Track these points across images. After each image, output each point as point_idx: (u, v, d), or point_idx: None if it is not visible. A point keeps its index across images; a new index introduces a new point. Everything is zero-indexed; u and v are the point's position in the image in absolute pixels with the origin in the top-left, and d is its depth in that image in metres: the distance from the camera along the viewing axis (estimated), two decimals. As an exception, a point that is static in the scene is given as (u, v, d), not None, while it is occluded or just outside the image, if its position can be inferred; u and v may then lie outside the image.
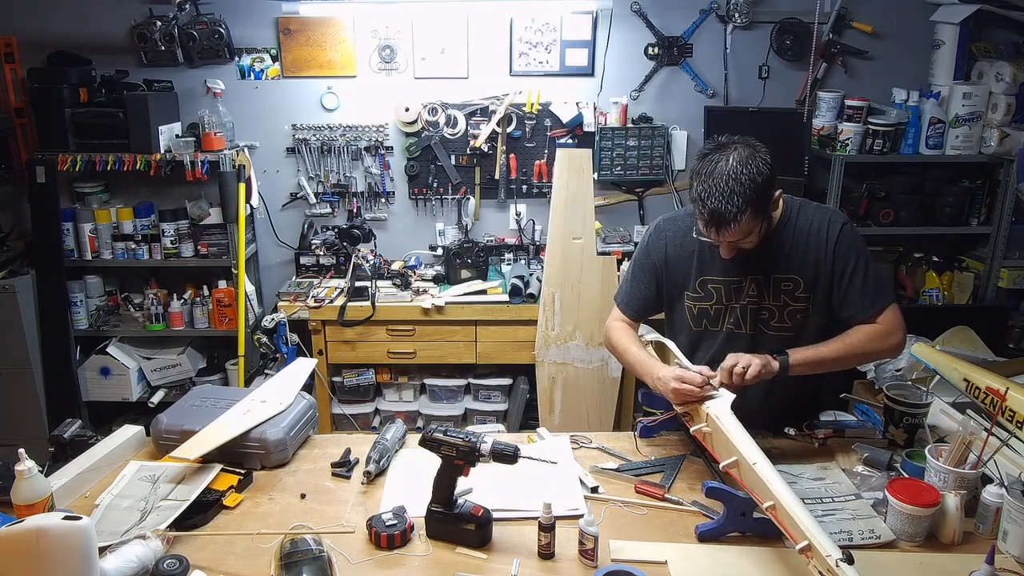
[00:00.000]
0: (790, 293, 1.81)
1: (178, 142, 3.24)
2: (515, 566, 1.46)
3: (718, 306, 1.87)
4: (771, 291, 1.82)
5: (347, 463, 1.83)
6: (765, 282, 1.81)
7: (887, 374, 3.00)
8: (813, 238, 1.80)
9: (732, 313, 1.86)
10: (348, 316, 3.27)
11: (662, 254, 1.91)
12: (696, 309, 1.89)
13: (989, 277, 3.42)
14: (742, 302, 1.84)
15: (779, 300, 1.82)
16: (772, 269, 1.80)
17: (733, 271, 1.82)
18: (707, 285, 1.86)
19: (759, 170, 1.63)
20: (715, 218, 1.63)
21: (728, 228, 1.64)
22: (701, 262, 1.86)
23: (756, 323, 1.85)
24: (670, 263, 1.91)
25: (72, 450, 1.85)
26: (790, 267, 1.80)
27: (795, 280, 1.80)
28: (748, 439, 1.54)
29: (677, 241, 1.90)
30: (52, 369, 3.40)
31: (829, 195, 3.32)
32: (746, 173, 1.61)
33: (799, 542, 1.31)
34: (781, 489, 1.40)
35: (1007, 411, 1.77)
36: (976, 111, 3.25)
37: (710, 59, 3.51)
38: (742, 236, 1.68)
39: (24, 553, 1.22)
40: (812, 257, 1.80)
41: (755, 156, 1.64)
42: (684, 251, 1.88)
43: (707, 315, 1.88)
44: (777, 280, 1.81)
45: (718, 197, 1.61)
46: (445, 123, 3.53)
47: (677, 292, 1.92)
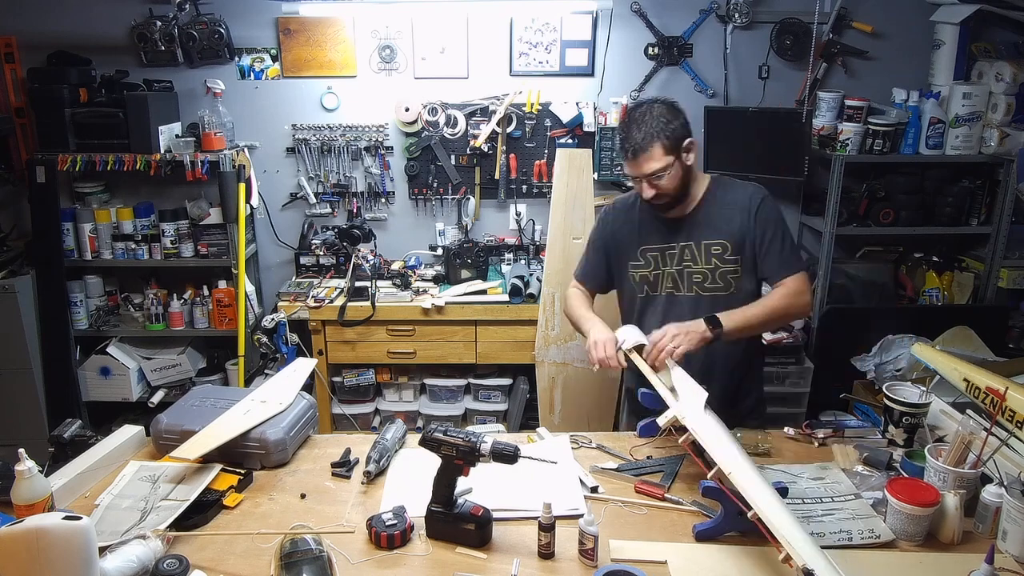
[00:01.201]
0: (719, 256, 2.01)
1: (178, 142, 3.24)
2: (515, 566, 1.46)
3: (656, 271, 2.08)
4: (703, 255, 2.02)
5: (347, 463, 1.83)
6: (696, 247, 2.02)
7: (887, 374, 3.00)
8: (738, 207, 2.02)
9: (670, 277, 2.06)
10: (348, 316, 3.27)
11: (609, 229, 2.16)
12: (638, 276, 2.10)
13: (989, 277, 3.42)
14: (677, 267, 2.05)
15: (711, 263, 2.02)
16: (702, 235, 2.02)
17: (667, 238, 2.05)
18: (646, 253, 2.08)
19: (671, 114, 1.93)
20: (634, 146, 1.90)
21: (644, 154, 1.89)
22: (641, 233, 2.09)
23: (692, 285, 2.04)
24: (616, 236, 2.14)
25: (72, 450, 1.85)
26: (718, 232, 2.01)
27: (723, 244, 2.00)
28: (725, 447, 1.54)
29: (622, 217, 2.15)
30: (52, 369, 3.40)
31: (829, 195, 3.32)
32: (663, 115, 1.91)
33: (780, 552, 1.31)
34: (757, 498, 1.40)
35: (1007, 411, 1.77)
36: (976, 111, 3.24)
37: (710, 59, 3.51)
38: (658, 168, 1.90)
39: (24, 553, 1.22)
40: (737, 224, 2.01)
41: (671, 108, 1.94)
42: (628, 225, 2.12)
43: (647, 281, 2.09)
44: (707, 245, 2.01)
45: (637, 128, 1.90)
46: (445, 123, 3.53)
47: (623, 263, 2.13)
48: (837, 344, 3.32)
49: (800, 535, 1.32)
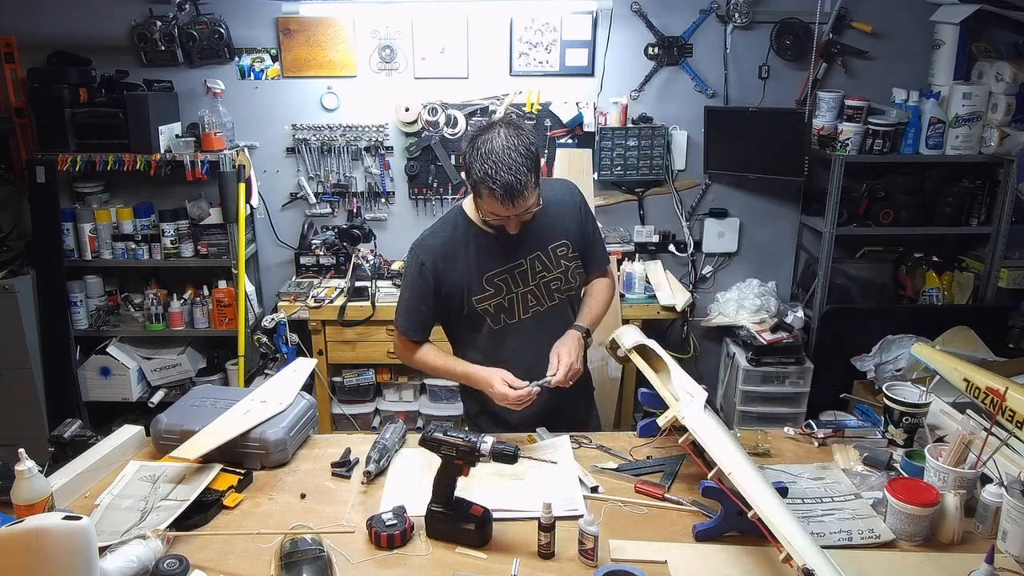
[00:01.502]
0: (566, 256, 1.97)
1: (178, 142, 3.24)
2: (515, 566, 1.46)
3: (509, 295, 1.94)
4: (553, 260, 1.96)
5: (347, 463, 1.83)
6: (545, 254, 1.95)
7: (887, 374, 3.00)
8: (564, 205, 1.99)
9: (528, 295, 1.96)
10: (348, 316, 3.27)
11: (435, 272, 1.93)
12: (492, 307, 1.94)
13: (989, 277, 3.42)
14: (533, 282, 1.95)
15: (561, 265, 1.96)
16: (546, 241, 1.94)
17: (512, 256, 1.92)
18: (493, 280, 1.92)
19: (530, 140, 1.78)
20: (509, 190, 1.71)
21: (522, 197, 1.73)
22: (478, 261, 1.92)
23: (552, 293, 1.97)
24: (446, 275, 1.93)
25: (72, 450, 1.85)
26: (559, 233, 1.96)
27: (566, 243, 1.97)
28: (725, 446, 1.54)
29: (444, 252, 1.94)
30: (52, 369, 3.40)
31: (829, 195, 3.32)
32: (522, 144, 1.75)
33: (781, 552, 1.31)
34: (757, 498, 1.40)
35: (1007, 411, 1.77)
36: (976, 111, 3.24)
37: (710, 59, 3.51)
38: (531, 205, 1.79)
39: (24, 553, 1.22)
40: (570, 221, 1.98)
41: (520, 131, 1.79)
42: (457, 260, 1.93)
43: (503, 308, 1.95)
44: (553, 248, 1.95)
45: (507, 171, 1.71)
46: (445, 123, 3.53)
47: (465, 300, 1.94)
48: (837, 344, 3.32)
49: (800, 535, 1.32)
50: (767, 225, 3.72)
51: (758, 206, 3.70)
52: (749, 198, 3.67)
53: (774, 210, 3.70)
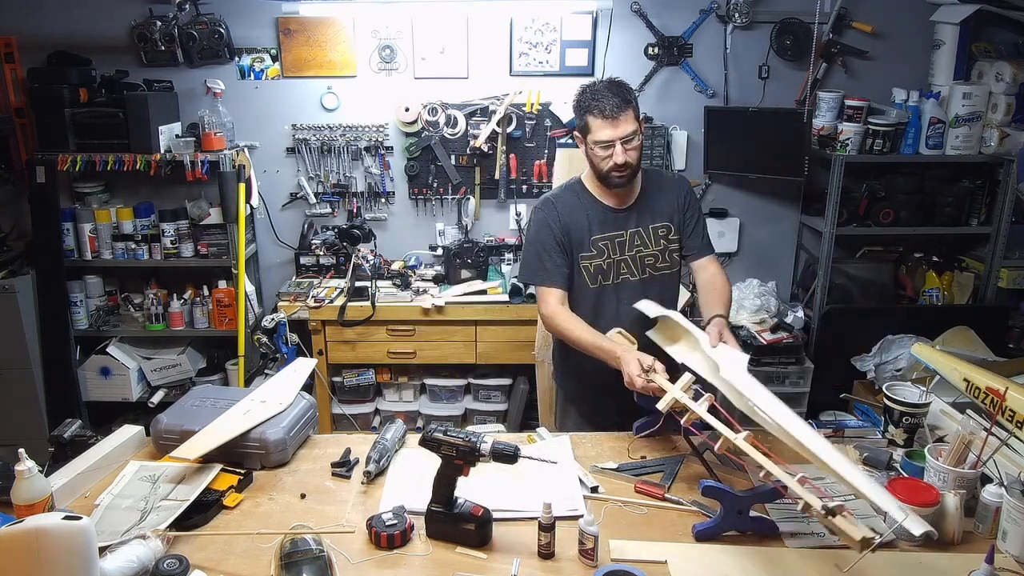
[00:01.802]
0: (665, 237, 2.16)
1: (178, 142, 3.24)
2: (515, 566, 1.46)
3: (609, 260, 2.13)
4: (652, 238, 2.15)
5: (347, 463, 1.83)
6: (645, 231, 2.14)
7: (887, 374, 3.00)
8: (667, 192, 2.18)
9: (623, 264, 2.14)
10: (348, 316, 3.27)
11: (559, 225, 2.12)
12: (592, 267, 2.13)
13: (989, 277, 3.42)
14: (630, 252, 2.14)
15: (659, 244, 2.15)
16: (649, 221, 2.14)
17: (616, 227, 2.13)
18: (599, 243, 2.13)
19: (627, 86, 2.04)
20: (610, 107, 1.96)
21: (623, 115, 1.96)
22: (591, 225, 2.12)
23: (645, 268, 2.16)
24: (569, 230, 2.12)
25: (72, 450, 1.85)
26: (660, 215, 2.16)
27: (667, 226, 2.16)
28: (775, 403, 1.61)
29: (567, 211, 2.14)
30: (52, 369, 3.40)
31: (829, 195, 3.32)
32: (624, 86, 2.03)
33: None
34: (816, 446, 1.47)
35: (1007, 411, 1.77)
36: (976, 111, 3.24)
37: (710, 59, 3.51)
38: (631, 131, 1.98)
39: (24, 553, 1.22)
40: (672, 206, 2.17)
41: (617, 81, 2.05)
42: (577, 218, 2.13)
43: (601, 270, 2.14)
44: (654, 228, 2.15)
45: (609, 92, 1.98)
46: (445, 123, 3.53)
47: (575, 256, 2.13)
48: (837, 344, 3.32)
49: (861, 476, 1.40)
50: (767, 225, 3.72)
51: (758, 206, 3.70)
52: (749, 198, 3.67)
53: (774, 210, 3.70)
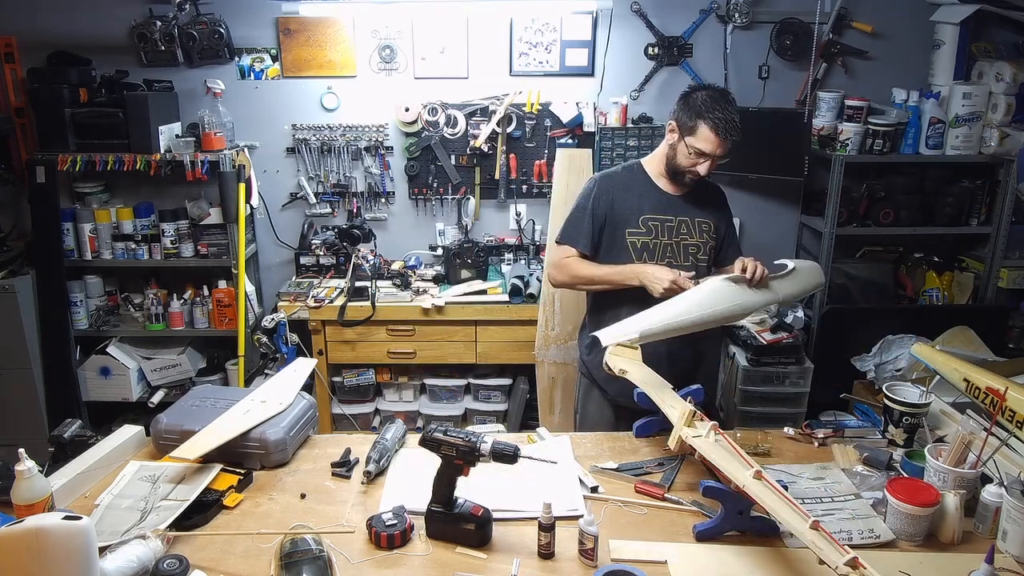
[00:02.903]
0: (708, 232, 2.27)
1: (178, 142, 3.24)
2: (515, 566, 1.46)
3: (656, 240, 2.23)
4: (696, 230, 2.26)
5: (347, 463, 1.83)
6: (691, 222, 2.25)
7: (887, 374, 3.00)
8: (710, 194, 2.33)
9: (669, 248, 2.24)
10: (348, 316, 3.27)
11: (608, 198, 2.25)
12: (639, 243, 2.23)
13: (989, 277, 3.42)
14: (675, 238, 2.24)
15: (703, 238, 2.26)
16: (696, 214, 2.26)
17: (667, 211, 2.24)
18: (648, 222, 2.23)
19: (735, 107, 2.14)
20: (727, 126, 2.08)
21: (733, 135, 2.09)
22: (641, 204, 2.24)
23: (688, 255, 2.25)
24: (615, 205, 2.24)
25: (72, 450, 1.85)
26: (707, 213, 2.28)
27: (710, 224, 2.27)
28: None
29: (622, 186, 2.27)
30: (52, 369, 3.40)
31: (829, 195, 3.32)
32: (732, 104, 2.13)
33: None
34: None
35: (1007, 411, 1.77)
36: (976, 111, 3.24)
37: (710, 59, 3.51)
38: (725, 153, 2.13)
39: (24, 553, 1.22)
40: (717, 210, 2.32)
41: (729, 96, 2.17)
42: (627, 196, 2.25)
43: (647, 248, 2.23)
44: (699, 222, 2.26)
45: (725, 112, 2.08)
46: (445, 123, 3.53)
47: (620, 231, 2.23)
48: (837, 344, 3.32)
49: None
50: (767, 225, 3.72)
51: (758, 206, 3.69)
52: (749, 198, 3.67)
53: (774, 210, 3.70)
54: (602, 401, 2.38)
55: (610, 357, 2.04)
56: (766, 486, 1.41)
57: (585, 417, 2.45)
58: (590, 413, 2.42)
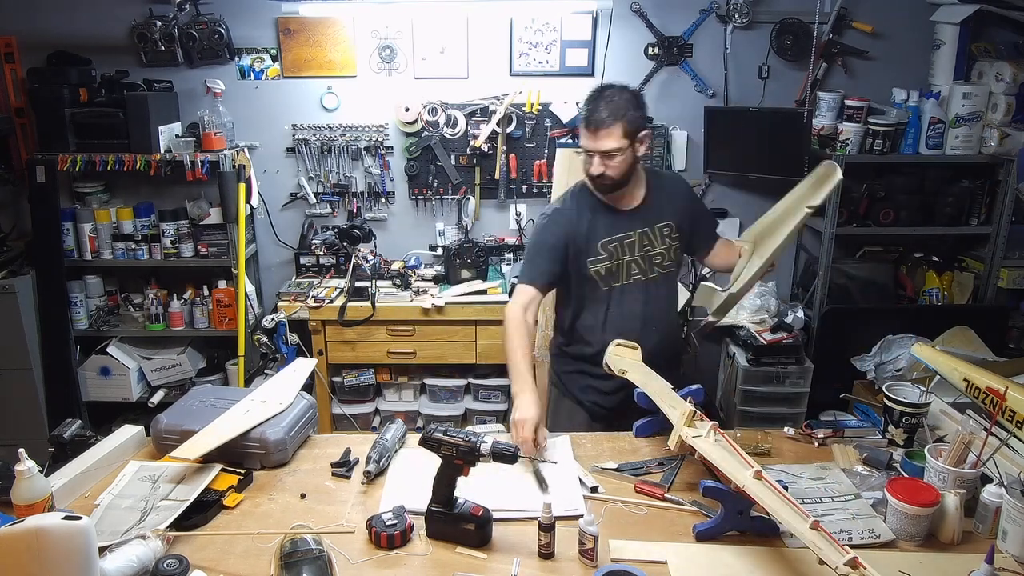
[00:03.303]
0: (670, 235, 2.22)
1: (178, 142, 3.24)
2: (515, 566, 1.46)
3: (618, 262, 2.18)
4: (658, 237, 2.21)
5: (347, 463, 1.83)
6: (652, 232, 2.20)
7: (887, 374, 3.00)
8: (675, 193, 2.28)
9: (634, 264, 2.20)
10: (348, 316, 3.27)
11: (565, 230, 2.17)
12: (603, 271, 2.18)
13: (989, 277, 3.42)
14: (640, 253, 2.19)
15: (665, 243, 2.22)
16: (654, 220, 2.21)
17: (623, 228, 2.18)
18: (608, 245, 2.17)
19: (636, 103, 2.08)
20: (596, 121, 2.02)
21: (604, 130, 2.01)
22: (597, 229, 2.17)
23: (653, 267, 2.22)
24: (574, 236, 2.17)
25: (72, 450, 1.85)
26: (666, 215, 2.21)
27: (670, 224, 2.22)
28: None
29: (573, 219, 2.19)
30: (52, 369, 3.40)
31: (829, 195, 3.31)
32: (625, 99, 2.05)
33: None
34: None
35: (1007, 411, 1.77)
36: (976, 111, 3.24)
37: (710, 59, 3.51)
38: (613, 148, 2.02)
39: (24, 553, 1.22)
40: (677, 207, 2.25)
41: (635, 95, 2.10)
42: (580, 226, 2.18)
43: (612, 273, 2.18)
44: (660, 227, 2.21)
45: (601, 107, 2.02)
46: (445, 123, 3.53)
47: (582, 261, 2.17)
48: (837, 344, 3.32)
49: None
50: (767, 225, 3.72)
51: (758, 206, 3.68)
52: (749, 198, 3.67)
53: (774, 210, 3.70)
54: (574, 409, 2.31)
55: (610, 357, 2.05)
56: (766, 486, 1.41)
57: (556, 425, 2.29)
58: (560, 422, 2.31)
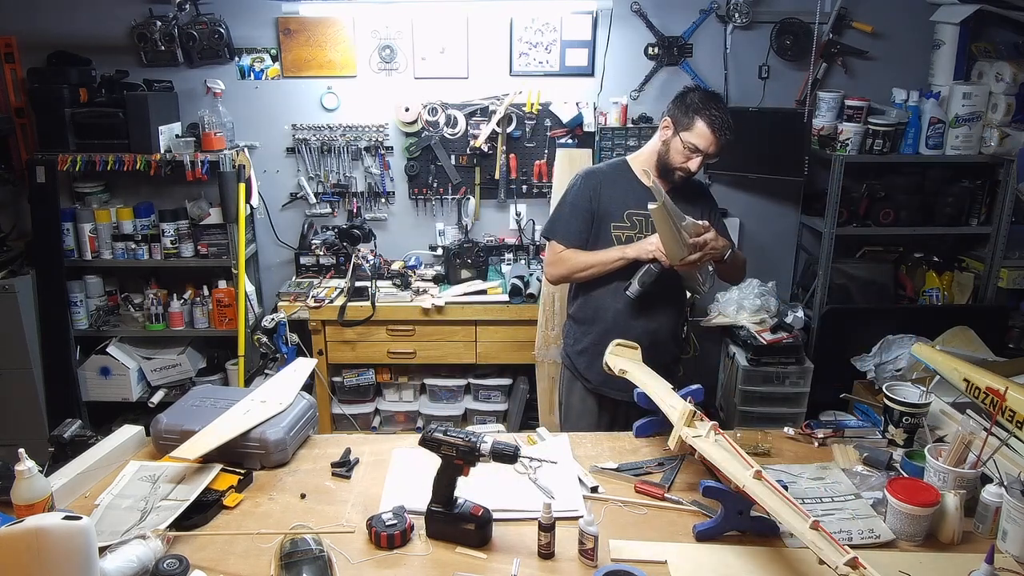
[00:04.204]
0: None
1: (178, 142, 3.24)
2: (515, 566, 1.46)
3: (640, 235, 2.28)
4: None
5: (347, 463, 1.83)
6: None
7: (887, 374, 3.00)
8: (694, 191, 2.38)
9: None
10: (348, 316, 3.27)
11: (596, 193, 2.31)
12: (624, 237, 2.29)
13: (989, 277, 3.42)
14: None
15: None
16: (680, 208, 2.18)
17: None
18: (632, 217, 2.29)
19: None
20: (724, 129, 2.15)
21: (725, 135, 2.15)
22: (626, 199, 2.29)
23: None
24: (602, 200, 2.30)
25: (72, 450, 1.85)
26: (689, 208, 2.23)
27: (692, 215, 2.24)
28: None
29: (608, 181, 2.33)
30: (52, 369, 3.40)
31: (829, 195, 3.32)
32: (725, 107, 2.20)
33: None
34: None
35: (1007, 411, 1.77)
36: (976, 111, 3.24)
37: (710, 59, 3.51)
38: (717, 152, 2.18)
39: (24, 553, 1.22)
40: (701, 204, 2.36)
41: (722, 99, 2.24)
42: (613, 191, 2.31)
43: (631, 242, 2.27)
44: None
45: (725, 113, 2.16)
46: (445, 123, 3.53)
47: (605, 224, 2.30)
48: (837, 344, 3.32)
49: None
50: (767, 225, 3.72)
51: (758, 206, 3.70)
52: (749, 198, 3.67)
53: (774, 210, 3.70)
54: (584, 392, 2.42)
55: (610, 357, 2.05)
56: (766, 486, 1.41)
57: (569, 408, 2.49)
58: (573, 404, 2.47)
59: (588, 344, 2.37)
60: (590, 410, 2.42)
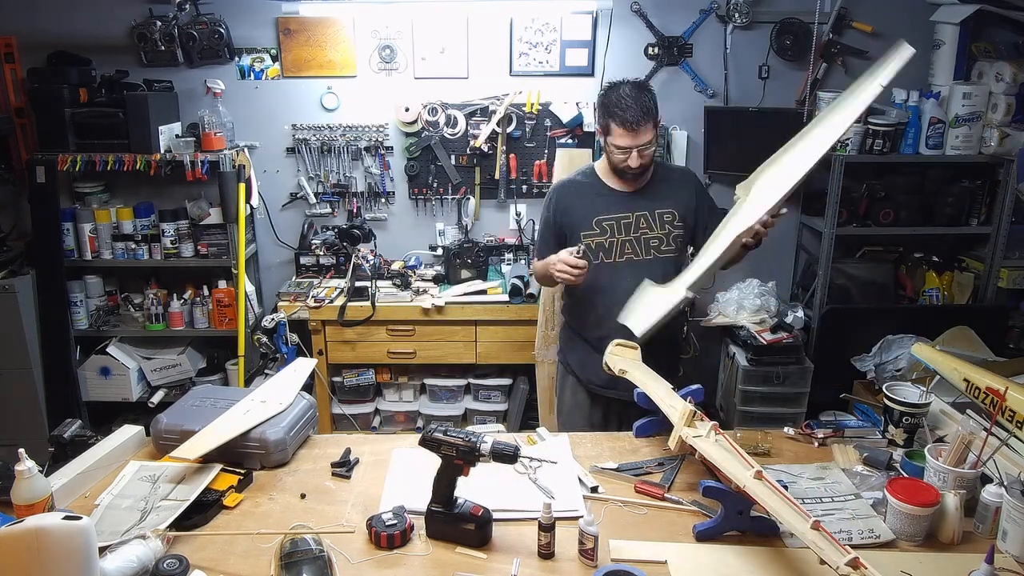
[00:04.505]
0: (670, 223, 2.29)
1: (178, 142, 3.24)
2: (515, 566, 1.46)
3: (611, 239, 2.27)
4: (657, 222, 2.28)
5: (347, 463, 1.83)
6: (651, 215, 2.28)
7: (887, 374, 3.00)
8: (679, 182, 2.37)
9: (628, 244, 2.28)
10: (348, 316, 3.27)
11: (561, 205, 2.33)
12: (594, 243, 2.28)
13: (989, 277, 3.42)
14: (634, 234, 2.28)
15: (664, 229, 2.29)
16: (655, 206, 2.29)
17: (622, 209, 2.28)
18: (602, 223, 2.28)
19: (652, 96, 2.19)
20: (633, 119, 2.12)
21: (643, 127, 2.12)
22: (594, 206, 2.28)
23: (649, 249, 2.29)
24: (568, 211, 2.31)
25: (72, 450, 1.85)
26: (668, 202, 2.29)
27: (672, 212, 2.30)
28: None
29: (573, 192, 2.34)
30: (52, 369, 3.40)
31: (829, 195, 3.31)
32: (649, 96, 2.18)
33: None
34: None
35: (1007, 411, 1.77)
36: (976, 111, 3.24)
37: (710, 59, 3.51)
38: (648, 139, 2.15)
39: (24, 553, 1.22)
40: (684, 197, 2.33)
41: (648, 88, 2.22)
42: (581, 200, 2.31)
43: (603, 248, 2.28)
44: (660, 213, 2.29)
45: (634, 103, 2.13)
46: (445, 123, 3.53)
47: (575, 234, 2.29)
48: (837, 344, 3.32)
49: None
50: (767, 225, 3.71)
51: (758, 206, 3.69)
52: (749, 198, 3.67)
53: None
54: (576, 387, 2.45)
55: (610, 357, 2.05)
56: (766, 486, 1.41)
57: (561, 402, 2.54)
58: (565, 398, 2.50)
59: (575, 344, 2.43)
60: (582, 403, 2.44)
